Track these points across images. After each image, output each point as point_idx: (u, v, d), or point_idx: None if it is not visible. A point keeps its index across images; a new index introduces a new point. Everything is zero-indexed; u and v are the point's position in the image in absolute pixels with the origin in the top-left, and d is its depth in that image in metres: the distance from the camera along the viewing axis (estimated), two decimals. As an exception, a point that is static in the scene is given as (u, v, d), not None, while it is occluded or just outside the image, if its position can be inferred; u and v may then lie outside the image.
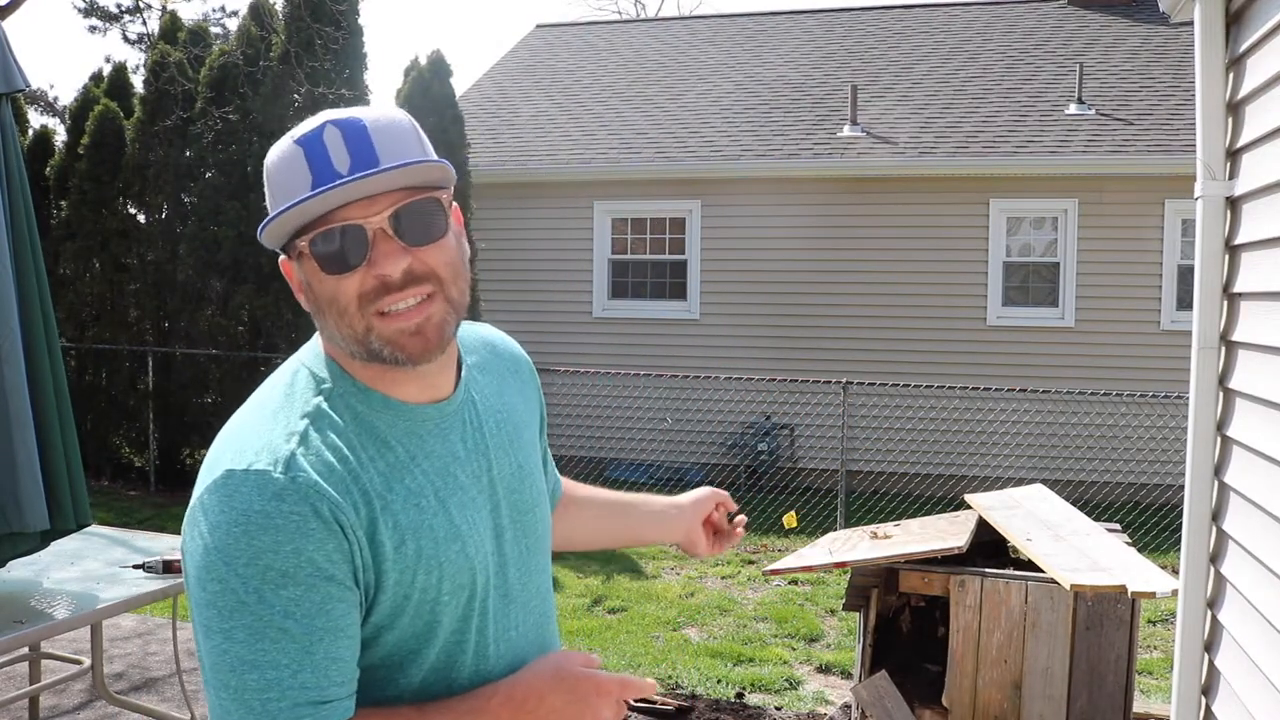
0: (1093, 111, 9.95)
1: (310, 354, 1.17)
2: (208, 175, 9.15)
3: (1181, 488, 2.91)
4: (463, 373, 1.23)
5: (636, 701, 4.12)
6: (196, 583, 1.03)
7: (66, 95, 28.35)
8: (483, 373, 1.28)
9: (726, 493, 1.53)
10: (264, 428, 1.08)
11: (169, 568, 3.23)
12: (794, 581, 6.50)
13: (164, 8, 11.25)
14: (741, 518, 1.40)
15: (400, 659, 1.11)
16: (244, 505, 1.01)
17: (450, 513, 1.13)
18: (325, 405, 1.10)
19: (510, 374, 1.34)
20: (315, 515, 1.01)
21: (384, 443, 1.11)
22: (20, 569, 3.18)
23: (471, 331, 1.33)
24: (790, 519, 6.52)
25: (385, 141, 1.07)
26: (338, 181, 1.03)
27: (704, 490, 1.55)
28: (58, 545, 3.22)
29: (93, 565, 3.33)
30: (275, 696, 1.00)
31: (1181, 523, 2.89)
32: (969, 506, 4.11)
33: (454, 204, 1.17)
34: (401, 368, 1.10)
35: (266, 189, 1.12)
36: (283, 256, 1.14)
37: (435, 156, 1.10)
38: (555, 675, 1.14)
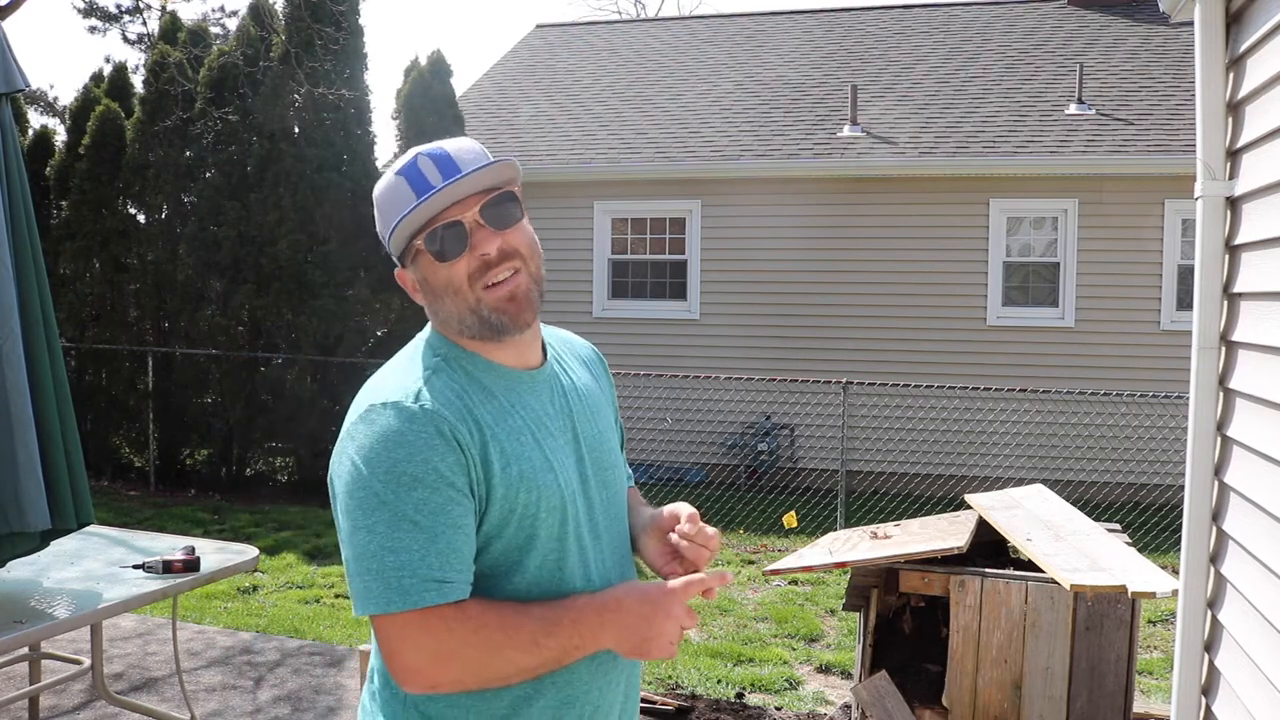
0: (1093, 111, 9.95)
1: (427, 333, 1.47)
2: (208, 175, 9.16)
3: (1181, 488, 2.91)
4: (548, 351, 1.52)
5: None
6: (345, 493, 1.32)
7: (66, 95, 28.38)
8: (565, 356, 1.57)
9: (696, 511, 1.52)
10: (395, 378, 1.38)
11: (169, 568, 3.23)
12: (794, 582, 6.50)
13: (164, 8, 11.25)
14: (722, 575, 1.40)
15: (506, 567, 1.37)
16: (384, 427, 1.30)
17: (544, 449, 1.40)
18: (443, 363, 1.40)
19: (587, 363, 1.62)
20: (439, 434, 1.30)
21: (489, 392, 1.40)
22: (20, 569, 3.18)
23: (551, 330, 1.60)
24: (790, 519, 6.50)
25: (464, 159, 1.39)
26: (434, 190, 1.34)
27: (678, 505, 1.57)
28: (58, 545, 3.22)
29: (93, 565, 3.33)
30: (407, 575, 1.27)
31: (1181, 523, 2.89)
32: (969, 506, 4.11)
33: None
34: (504, 334, 1.40)
35: (377, 216, 1.44)
36: (397, 269, 1.45)
37: (502, 159, 1.39)
38: (631, 586, 1.38)
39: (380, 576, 1.27)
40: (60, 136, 10.90)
